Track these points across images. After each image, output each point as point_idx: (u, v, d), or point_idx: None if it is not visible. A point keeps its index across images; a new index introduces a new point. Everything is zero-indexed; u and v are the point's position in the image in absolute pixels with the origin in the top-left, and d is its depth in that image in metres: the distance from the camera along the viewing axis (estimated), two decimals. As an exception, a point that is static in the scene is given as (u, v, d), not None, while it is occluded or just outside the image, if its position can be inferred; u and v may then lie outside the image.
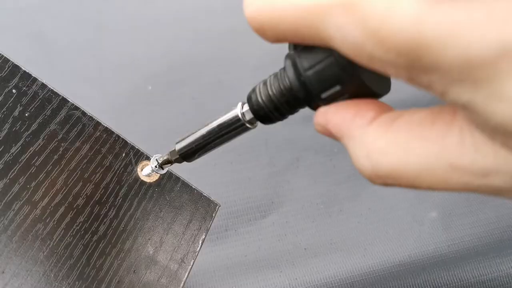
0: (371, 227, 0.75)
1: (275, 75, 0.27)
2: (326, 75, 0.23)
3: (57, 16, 0.88)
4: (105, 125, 0.43)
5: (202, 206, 0.47)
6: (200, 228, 0.46)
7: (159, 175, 0.45)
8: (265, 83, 0.28)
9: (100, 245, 0.39)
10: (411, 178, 0.19)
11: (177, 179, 0.47)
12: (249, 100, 0.29)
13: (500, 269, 0.71)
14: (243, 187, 0.78)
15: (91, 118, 0.43)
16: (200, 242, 0.46)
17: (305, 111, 0.28)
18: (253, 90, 0.29)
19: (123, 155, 0.44)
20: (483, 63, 0.13)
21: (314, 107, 0.26)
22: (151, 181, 0.45)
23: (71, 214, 0.38)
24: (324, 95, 0.24)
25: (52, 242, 0.37)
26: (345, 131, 0.23)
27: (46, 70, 0.81)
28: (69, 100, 0.42)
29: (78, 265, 0.37)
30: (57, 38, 0.86)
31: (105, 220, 0.40)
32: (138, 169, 0.44)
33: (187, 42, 0.91)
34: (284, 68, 0.26)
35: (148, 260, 0.42)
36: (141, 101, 0.83)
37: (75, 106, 0.42)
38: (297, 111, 0.28)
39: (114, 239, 0.40)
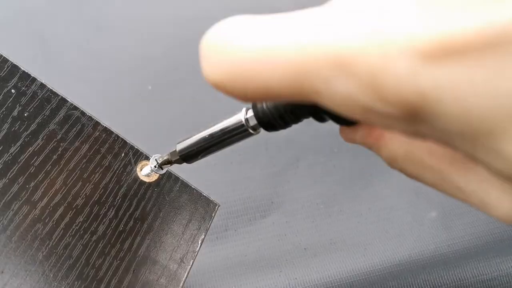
0: (371, 227, 0.75)
1: None
2: None
3: (57, 17, 0.88)
4: (104, 125, 0.43)
5: (202, 206, 0.47)
6: (200, 228, 0.46)
7: (158, 175, 0.45)
8: None
9: (99, 245, 0.39)
10: None
11: (177, 179, 0.46)
12: (254, 106, 0.29)
13: (500, 269, 0.71)
14: (243, 187, 0.78)
15: (90, 118, 0.43)
16: (199, 242, 0.46)
17: None
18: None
19: (123, 155, 0.44)
20: (480, 120, 0.13)
21: (318, 118, 0.25)
22: (151, 181, 0.45)
23: (70, 214, 0.38)
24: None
25: (51, 242, 0.37)
26: None
27: (46, 70, 0.81)
28: (68, 100, 0.42)
29: (77, 265, 0.37)
30: (57, 38, 0.86)
31: (104, 220, 0.40)
32: (138, 169, 0.44)
33: (187, 42, 0.91)
34: None
35: (148, 260, 0.42)
36: (141, 101, 0.83)
37: (74, 106, 0.42)
38: (301, 121, 0.28)
39: (113, 239, 0.40)
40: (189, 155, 0.37)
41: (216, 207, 0.48)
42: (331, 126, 0.80)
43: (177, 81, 0.86)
